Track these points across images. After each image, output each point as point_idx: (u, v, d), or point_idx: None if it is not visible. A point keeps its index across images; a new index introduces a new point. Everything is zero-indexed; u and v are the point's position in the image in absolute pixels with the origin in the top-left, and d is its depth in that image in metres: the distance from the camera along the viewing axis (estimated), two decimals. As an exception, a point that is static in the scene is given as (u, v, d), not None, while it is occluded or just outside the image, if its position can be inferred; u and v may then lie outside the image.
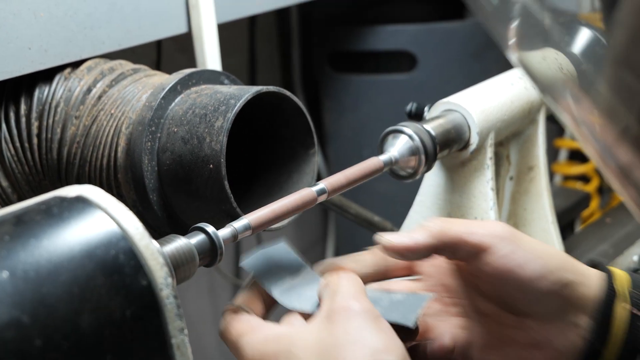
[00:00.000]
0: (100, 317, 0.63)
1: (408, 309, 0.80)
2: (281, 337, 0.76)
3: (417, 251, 0.81)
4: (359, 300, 0.76)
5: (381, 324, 0.74)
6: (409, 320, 0.78)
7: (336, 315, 0.74)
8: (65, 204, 0.67)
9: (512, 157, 1.29)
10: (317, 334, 0.74)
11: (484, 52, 1.97)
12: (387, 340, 0.72)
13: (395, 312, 0.80)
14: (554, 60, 0.72)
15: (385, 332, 0.73)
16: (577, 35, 0.74)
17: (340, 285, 0.79)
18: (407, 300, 0.82)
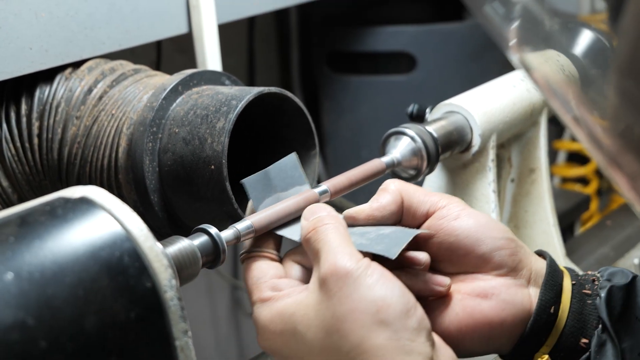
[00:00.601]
0: (104, 318, 0.63)
1: (393, 241, 0.80)
2: (284, 314, 0.78)
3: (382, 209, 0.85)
4: (344, 257, 0.75)
5: (372, 275, 0.74)
6: (391, 253, 0.78)
7: (327, 283, 0.75)
8: (70, 205, 0.67)
9: (513, 159, 1.29)
10: (316, 307, 0.75)
11: (483, 53, 1.97)
12: (383, 295, 0.73)
13: (380, 245, 0.80)
14: (555, 62, 0.72)
15: (378, 285, 0.73)
16: (579, 36, 0.74)
17: (320, 241, 0.79)
18: (394, 233, 0.83)
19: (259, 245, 0.86)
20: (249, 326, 2.31)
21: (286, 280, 0.83)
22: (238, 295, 2.27)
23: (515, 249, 0.83)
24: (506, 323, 0.81)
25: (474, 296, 0.82)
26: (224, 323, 2.25)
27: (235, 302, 2.27)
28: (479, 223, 0.83)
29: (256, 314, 0.81)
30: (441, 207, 0.85)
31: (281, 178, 0.90)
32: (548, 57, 0.73)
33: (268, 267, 0.83)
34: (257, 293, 0.81)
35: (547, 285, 0.82)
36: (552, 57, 0.72)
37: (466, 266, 0.84)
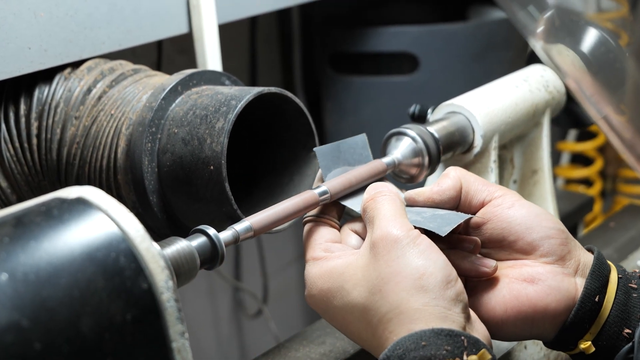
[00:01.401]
0: (100, 320, 0.62)
1: (446, 221, 0.85)
2: (334, 272, 0.83)
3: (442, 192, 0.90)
4: (396, 225, 0.81)
5: (420, 245, 0.79)
6: (442, 231, 0.83)
7: (377, 246, 0.80)
8: (66, 206, 0.67)
9: (516, 160, 1.28)
10: (364, 268, 0.81)
11: (486, 53, 1.96)
12: (427, 264, 0.78)
13: (432, 223, 0.85)
14: (566, 56, 0.72)
15: (424, 254, 0.78)
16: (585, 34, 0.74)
17: (376, 209, 0.84)
18: (448, 215, 0.87)
19: (324, 211, 0.92)
20: (251, 328, 2.31)
21: (339, 244, 0.88)
22: (239, 296, 2.27)
23: (565, 239, 0.86)
24: (550, 308, 0.83)
25: (521, 280, 0.85)
26: (225, 325, 2.24)
27: (236, 303, 2.27)
28: (532, 212, 0.87)
29: (307, 270, 0.86)
30: (497, 196, 0.89)
31: (350, 153, 0.96)
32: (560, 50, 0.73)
33: (325, 231, 0.89)
34: (310, 252, 0.87)
35: (593, 276, 0.85)
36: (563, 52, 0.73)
37: (516, 252, 0.87)
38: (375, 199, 0.86)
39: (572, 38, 0.72)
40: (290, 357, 1.09)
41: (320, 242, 0.88)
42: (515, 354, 1.08)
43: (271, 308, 2.30)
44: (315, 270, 0.85)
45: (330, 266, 0.84)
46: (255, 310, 2.29)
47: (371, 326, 0.79)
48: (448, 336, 0.74)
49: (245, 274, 2.22)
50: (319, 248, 0.87)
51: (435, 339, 0.73)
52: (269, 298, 2.29)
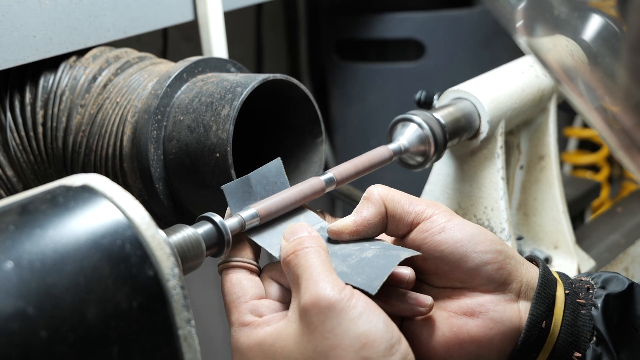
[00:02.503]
0: (106, 308, 0.62)
1: (375, 270, 0.77)
2: (264, 344, 0.76)
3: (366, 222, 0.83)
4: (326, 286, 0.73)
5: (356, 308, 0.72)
6: (371, 287, 0.75)
7: (308, 314, 0.72)
8: (71, 193, 0.66)
9: (522, 146, 1.28)
10: (296, 339, 0.73)
11: (492, 39, 1.95)
12: (367, 330, 0.71)
13: (361, 275, 0.77)
14: (564, 47, 0.71)
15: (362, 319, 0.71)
16: (588, 21, 0.73)
17: (301, 266, 0.76)
18: (377, 258, 0.79)
19: (237, 254, 0.83)
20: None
21: (266, 301, 0.80)
22: (247, 284, 2.27)
23: (503, 262, 0.80)
24: (494, 341, 0.79)
25: (460, 314, 0.80)
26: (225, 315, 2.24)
27: (244, 291, 2.27)
28: (465, 236, 0.80)
29: (235, 338, 0.78)
30: (425, 218, 0.82)
31: (263, 185, 0.88)
32: (556, 42, 0.72)
33: (248, 285, 0.81)
34: (237, 314, 0.79)
35: (538, 298, 0.79)
36: (560, 42, 0.72)
37: (453, 281, 0.81)
38: (297, 253, 0.77)
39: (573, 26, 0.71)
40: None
41: (246, 301, 0.80)
42: None
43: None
44: (243, 340, 0.77)
45: (259, 337, 0.76)
46: (262, 297, 2.28)
47: None
48: None
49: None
50: (245, 309, 0.79)
51: None
52: (276, 285, 2.28)
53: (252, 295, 0.80)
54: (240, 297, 0.80)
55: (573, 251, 1.26)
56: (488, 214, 1.16)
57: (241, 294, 0.80)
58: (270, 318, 0.78)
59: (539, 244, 1.29)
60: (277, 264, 0.82)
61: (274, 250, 0.82)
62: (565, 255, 1.26)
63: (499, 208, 1.16)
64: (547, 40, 0.72)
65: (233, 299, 0.80)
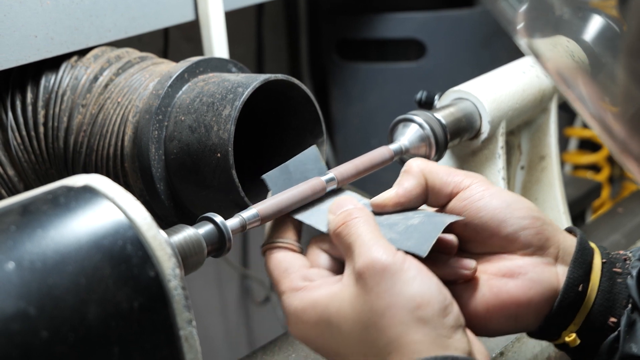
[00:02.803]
0: (107, 308, 0.62)
1: (423, 235, 0.80)
2: (318, 305, 0.78)
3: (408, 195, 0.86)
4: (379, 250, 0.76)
5: (410, 271, 0.74)
6: (421, 250, 0.78)
7: (363, 277, 0.75)
8: (72, 194, 0.67)
9: (523, 146, 1.28)
10: (352, 301, 0.76)
11: (493, 39, 1.95)
12: (421, 291, 0.73)
13: (409, 240, 0.80)
14: (565, 48, 0.71)
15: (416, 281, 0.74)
16: (589, 22, 0.73)
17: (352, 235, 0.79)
18: (423, 225, 0.82)
19: (281, 235, 0.86)
20: (259, 315, 2.31)
21: (315, 270, 0.83)
22: (247, 284, 2.27)
23: (541, 227, 0.82)
24: (533, 302, 0.81)
25: (500, 276, 0.82)
26: (233, 312, 2.25)
27: (244, 290, 2.27)
28: (503, 203, 0.83)
29: (287, 303, 0.80)
30: (464, 187, 0.84)
31: (301, 171, 0.91)
32: (557, 42, 0.72)
33: (294, 258, 0.84)
34: (287, 282, 0.81)
35: (575, 263, 0.81)
36: (561, 43, 0.72)
37: (492, 247, 0.84)
38: (347, 223, 0.80)
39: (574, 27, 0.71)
40: (297, 344, 1.09)
41: (295, 270, 0.82)
42: (523, 340, 1.08)
43: (279, 295, 2.30)
44: (296, 303, 0.79)
45: (313, 298, 0.79)
46: (262, 297, 2.29)
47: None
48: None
49: (252, 261, 2.22)
50: (296, 277, 0.82)
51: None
52: (276, 285, 2.28)
53: (300, 266, 0.83)
54: (288, 268, 0.83)
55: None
56: (489, 214, 1.16)
57: (289, 266, 0.83)
58: (323, 282, 0.80)
59: (539, 244, 1.29)
60: (325, 236, 0.85)
61: (321, 225, 0.85)
62: (566, 255, 1.26)
63: (500, 208, 1.15)
64: (547, 41, 0.72)
65: (281, 272, 0.83)
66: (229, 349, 2.23)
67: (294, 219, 0.87)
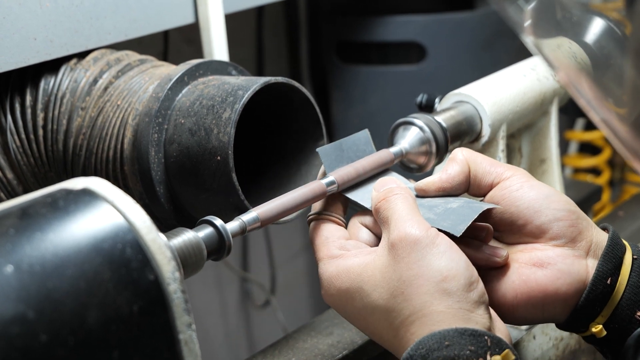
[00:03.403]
0: (107, 312, 0.62)
1: (460, 217, 0.84)
2: (351, 272, 0.82)
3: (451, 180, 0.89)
4: (413, 225, 0.80)
5: (440, 246, 0.78)
6: (456, 230, 0.82)
7: (396, 248, 0.79)
8: (72, 197, 0.66)
9: (524, 149, 1.27)
10: (383, 270, 0.79)
11: (494, 42, 1.95)
12: (449, 266, 0.77)
13: (446, 220, 0.84)
14: (567, 49, 0.71)
15: (445, 256, 0.78)
16: (590, 24, 0.73)
17: (390, 209, 0.83)
18: (461, 208, 0.86)
19: (328, 208, 0.91)
20: (259, 319, 2.31)
21: (353, 241, 0.87)
22: (247, 287, 2.27)
23: (575, 220, 0.84)
24: (560, 292, 0.82)
25: (530, 265, 0.84)
26: (233, 315, 2.24)
27: (244, 294, 2.27)
28: (541, 194, 0.85)
29: (322, 269, 0.85)
30: (505, 178, 0.88)
31: (354, 151, 0.95)
32: (560, 44, 0.72)
33: (335, 229, 0.88)
34: (325, 250, 0.86)
35: (606, 257, 0.83)
36: (564, 45, 0.71)
37: (525, 236, 0.86)
38: (388, 199, 0.85)
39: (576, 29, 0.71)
40: (298, 348, 1.08)
41: (334, 240, 0.87)
42: (524, 344, 1.08)
43: (279, 299, 2.30)
44: (332, 269, 0.84)
45: (347, 265, 0.83)
46: (263, 301, 2.29)
47: (393, 328, 0.79)
48: (472, 336, 0.73)
49: (252, 264, 2.22)
50: (334, 246, 0.86)
51: (458, 339, 0.73)
52: (276, 289, 2.28)
53: (340, 236, 0.87)
54: (328, 237, 0.87)
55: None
56: (489, 217, 1.16)
57: (329, 235, 0.87)
58: (358, 252, 0.84)
59: (540, 247, 1.29)
60: (367, 212, 0.90)
61: (366, 202, 0.90)
62: (567, 258, 1.26)
63: (501, 211, 1.15)
64: (552, 41, 0.72)
65: (322, 240, 0.87)
66: (229, 352, 2.23)
67: (342, 195, 0.91)
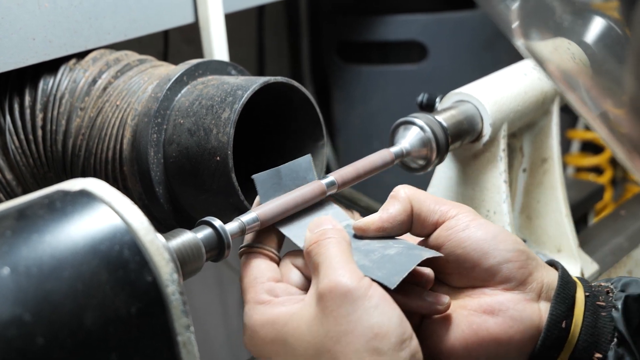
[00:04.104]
0: (105, 314, 0.61)
1: (397, 266, 0.77)
2: (277, 322, 0.76)
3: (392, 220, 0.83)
4: (345, 274, 0.73)
5: (372, 299, 0.72)
6: (391, 282, 0.75)
7: (324, 299, 0.73)
8: (69, 198, 0.66)
9: (525, 148, 1.27)
10: (310, 322, 0.74)
11: (495, 41, 1.94)
12: (380, 322, 0.71)
13: (382, 269, 0.77)
14: (566, 50, 0.70)
15: (377, 310, 0.72)
16: (590, 24, 0.72)
17: (322, 255, 0.77)
18: (400, 256, 0.79)
19: (261, 240, 0.84)
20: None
21: (283, 285, 0.81)
22: (249, 287, 2.26)
23: (525, 261, 0.80)
24: (514, 340, 0.79)
25: (480, 312, 0.80)
26: (234, 316, 2.24)
27: (245, 294, 2.26)
28: (488, 235, 0.81)
29: (248, 315, 0.79)
30: (450, 217, 0.83)
31: (292, 178, 0.89)
32: (558, 45, 0.71)
33: (266, 268, 0.82)
34: (252, 293, 0.80)
35: (558, 299, 0.79)
36: (562, 46, 0.71)
37: (474, 280, 0.81)
38: (319, 242, 0.78)
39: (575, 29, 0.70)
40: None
41: (263, 282, 0.80)
42: None
43: (280, 299, 2.29)
44: (257, 317, 0.78)
45: (273, 314, 0.77)
46: (264, 301, 2.28)
47: None
48: None
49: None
50: (262, 289, 0.80)
51: None
52: (277, 289, 2.27)
53: (269, 278, 0.81)
54: (257, 277, 0.81)
55: (576, 254, 1.26)
56: (491, 217, 1.16)
57: (259, 275, 0.81)
58: (286, 299, 0.78)
59: (542, 247, 1.28)
60: (300, 252, 0.83)
61: (298, 240, 0.83)
62: (569, 258, 1.25)
63: (502, 211, 1.15)
64: (547, 43, 0.71)
65: (250, 280, 0.81)
66: (229, 353, 2.22)
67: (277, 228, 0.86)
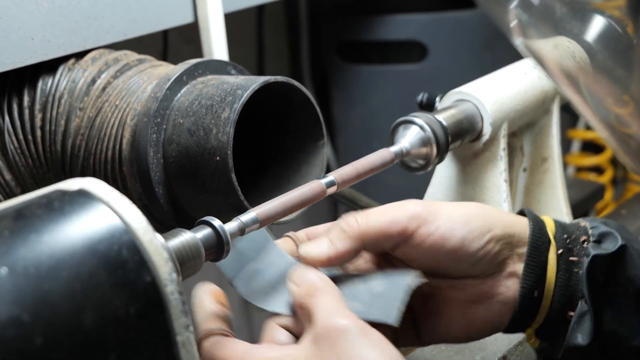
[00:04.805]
0: (103, 314, 0.61)
1: (389, 302, 0.78)
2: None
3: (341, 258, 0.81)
4: (341, 315, 0.73)
5: (370, 336, 0.72)
6: (391, 318, 0.76)
7: (322, 339, 0.72)
8: (67, 198, 0.65)
9: (525, 148, 1.27)
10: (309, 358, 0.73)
11: (495, 41, 1.94)
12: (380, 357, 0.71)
13: (376, 308, 0.78)
14: (566, 49, 0.70)
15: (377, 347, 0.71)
16: (591, 23, 0.72)
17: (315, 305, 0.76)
18: (387, 291, 0.79)
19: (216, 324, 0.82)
20: (260, 319, 2.29)
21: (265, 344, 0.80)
22: (249, 287, 2.26)
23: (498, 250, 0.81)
24: (505, 319, 0.83)
25: (469, 303, 0.83)
26: (235, 316, 2.23)
27: (246, 294, 2.26)
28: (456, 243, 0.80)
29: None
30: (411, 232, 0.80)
31: (253, 249, 0.86)
32: (558, 43, 0.71)
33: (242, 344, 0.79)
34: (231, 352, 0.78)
35: (528, 269, 0.81)
36: (562, 44, 0.71)
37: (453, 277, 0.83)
38: (311, 294, 0.76)
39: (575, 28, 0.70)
40: (298, 348, 1.07)
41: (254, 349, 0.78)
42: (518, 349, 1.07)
43: (281, 299, 2.29)
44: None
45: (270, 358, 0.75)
46: (264, 301, 2.27)
47: None
48: None
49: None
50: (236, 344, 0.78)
51: None
52: (278, 289, 2.27)
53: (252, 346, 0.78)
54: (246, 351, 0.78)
55: (577, 254, 1.25)
56: (491, 216, 1.16)
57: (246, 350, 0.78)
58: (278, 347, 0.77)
59: (542, 246, 1.28)
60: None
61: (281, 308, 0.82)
62: (569, 258, 1.25)
63: (502, 211, 1.15)
64: (547, 41, 0.71)
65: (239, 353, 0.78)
66: (230, 353, 2.22)
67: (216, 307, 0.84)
